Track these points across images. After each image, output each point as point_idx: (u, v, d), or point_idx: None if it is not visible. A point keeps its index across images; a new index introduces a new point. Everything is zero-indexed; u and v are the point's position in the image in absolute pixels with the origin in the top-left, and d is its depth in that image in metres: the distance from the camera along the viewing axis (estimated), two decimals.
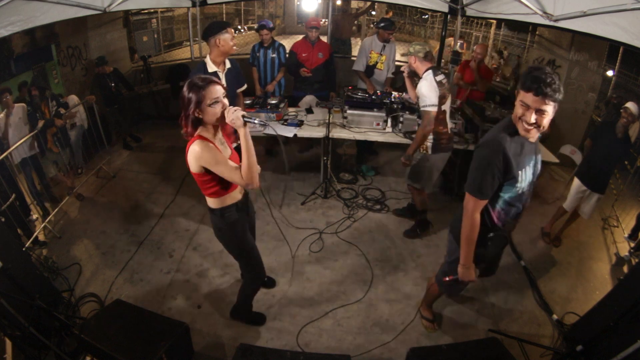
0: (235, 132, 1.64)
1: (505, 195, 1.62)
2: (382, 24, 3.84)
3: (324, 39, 4.57)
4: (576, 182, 3.05)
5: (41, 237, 3.08)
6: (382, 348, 2.29)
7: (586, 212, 3.05)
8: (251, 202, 2.05)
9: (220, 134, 1.73)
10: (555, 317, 2.49)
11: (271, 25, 3.89)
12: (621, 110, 2.78)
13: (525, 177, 1.58)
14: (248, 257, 2.06)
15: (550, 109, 1.40)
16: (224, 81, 2.52)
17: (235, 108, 1.57)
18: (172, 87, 5.33)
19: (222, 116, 1.59)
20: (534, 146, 1.60)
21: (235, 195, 1.82)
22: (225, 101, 1.61)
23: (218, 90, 1.57)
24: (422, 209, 3.12)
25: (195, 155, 1.58)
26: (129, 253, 2.94)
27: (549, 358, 2.20)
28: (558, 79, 1.38)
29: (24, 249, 2.64)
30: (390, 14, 10.92)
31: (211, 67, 2.52)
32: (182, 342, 2.05)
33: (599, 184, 2.94)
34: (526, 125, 1.45)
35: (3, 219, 2.60)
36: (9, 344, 1.97)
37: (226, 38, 2.43)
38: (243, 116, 1.57)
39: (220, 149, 1.68)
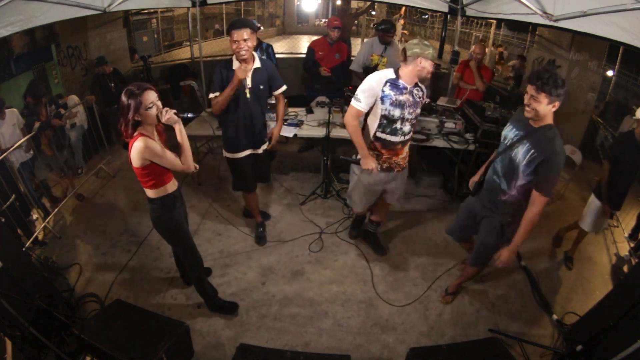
0: (167, 130, 1.93)
1: None
2: (382, 27, 3.83)
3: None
4: (595, 202, 2.79)
5: (41, 237, 3.08)
6: (382, 348, 2.29)
7: (598, 225, 2.86)
8: (181, 193, 2.18)
9: (155, 135, 1.92)
10: (555, 317, 2.49)
11: (257, 25, 3.46)
12: (634, 119, 2.57)
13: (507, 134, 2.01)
14: (185, 243, 2.18)
15: (542, 98, 1.71)
16: (249, 81, 2.46)
17: (167, 109, 1.81)
18: (172, 87, 5.33)
19: (158, 117, 1.81)
20: (529, 128, 1.87)
21: (171, 187, 2.03)
22: (159, 104, 1.81)
23: (152, 95, 1.77)
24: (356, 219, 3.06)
25: (139, 150, 1.75)
26: (129, 253, 2.94)
27: (549, 358, 2.21)
28: (558, 79, 1.68)
29: (24, 249, 2.64)
30: (402, 22, 10.82)
31: (235, 64, 2.44)
32: (182, 342, 2.05)
33: (618, 202, 2.74)
34: (526, 107, 1.80)
35: (3, 219, 2.60)
36: (9, 344, 1.97)
37: (232, 37, 2.33)
38: (175, 114, 1.84)
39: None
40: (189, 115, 2.04)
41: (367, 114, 2.30)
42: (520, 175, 1.88)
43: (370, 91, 2.19)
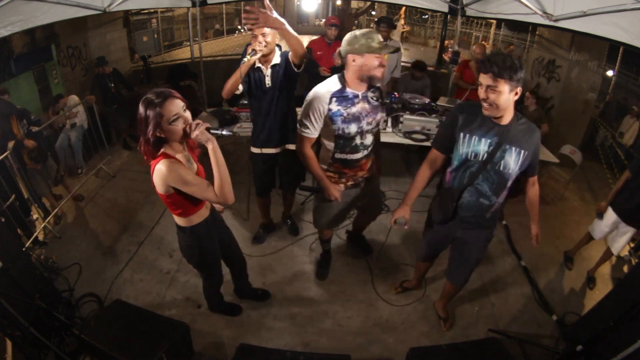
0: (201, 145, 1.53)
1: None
2: (380, 24, 3.83)
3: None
4: (611, 214, 2.64)
5: (41, 237, 3.08)
6: (382, 348, 2.29)
7: (617, 247, 2.67)
8: (218, 214, 1.97)
9: (185, 150, 1.61)
10: (555, 317, 2.49)
11: None
12: None
13: (472, 144, 1.67)
14: (209, 271, 2.06)
15: (502, 86, 1.47)
16: (268, 80, 2.30)
17: (197, 122, 1.45)
18: (172, 87, 5.33)
19: (186, 132, 1.46)
20: (499, 128, 1.62)
21: (203, 212, 1.75)
22: (187, 115, 1.47)
23: (176, 105, 1.44)
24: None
25: (161, 175, 1.45)
26: (129, 253, 2.94)
27: (549, 358, 2.20)
28: (514, 61, 1.46)
29: (24, 249, 2.64)
30: (403, 22, 10.71)
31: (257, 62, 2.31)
32: (182, 342, 2.05)
33: (635, 216, 2.54)
34: (483, 104, 1.56)
35: (3, 219, 2.60)
36: (9, 344, 1.97)
37: (252, 32, 2.17)
38: (208, 129, 1.46)
39: (187, 165, 1.57)
40: (224, 132, 1.63)
41: (320, 134, 1.99)
42: (511, 180, 1.70)
43: (314, 113, 1.87)
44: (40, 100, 4.35)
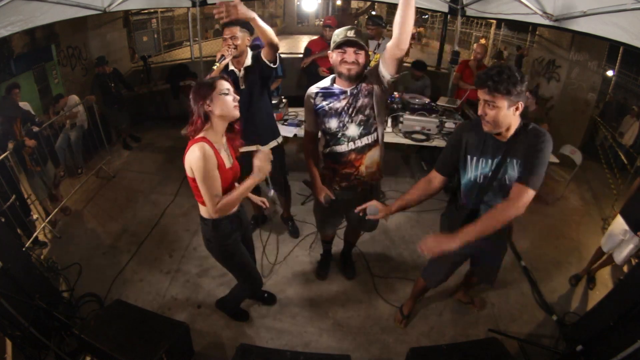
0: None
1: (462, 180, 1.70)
2: (369, 22, 3.82)
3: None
4: (620, 222, 2.53)
5: (41, 237, 3.08)
6: (382, 348, 2.29)
7: (621, 258, 2.53)
8: (245, 213, 1.97)
9: (225, 141, 1.66)
10: (555, 317, 2.49)
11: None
12: None
13: (478, 167, 1.61)
14: (240, 270, 2.01)
15: (500, 102, 1.38)
16: (241, 82, 2.35)
17: (270, 157, 1.63)
18: (172, 87, 5.33)
19: (230, 115, 1.55)
20: (502, 145, 1.53)
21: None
22: (237, 97, 1.57)
23: (227, 84, 1.56)
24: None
25: (193, 158, 1.48)
26: (129, 253, 2.94)
27: (549, 358, 2.20)
28: (514, 73, 1.35)
29: (24, 249, 2.64)
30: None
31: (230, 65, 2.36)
32: (182, 342, 2.05)
33: None
34: (483, 120, 1.48)
35: (3, 219, 2.60)
36: (9, 344, 1.96)
37: (223, 34, 2.27)
38: (267, 176, 1.64)
39: (223, 157, 1.60)
40: (271, 193, 1.87)
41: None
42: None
43: (306, 108, 1.98)
44: (40, 100, 4.35)
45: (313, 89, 1.96)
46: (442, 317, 2.50)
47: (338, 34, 1.76)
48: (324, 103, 1.90)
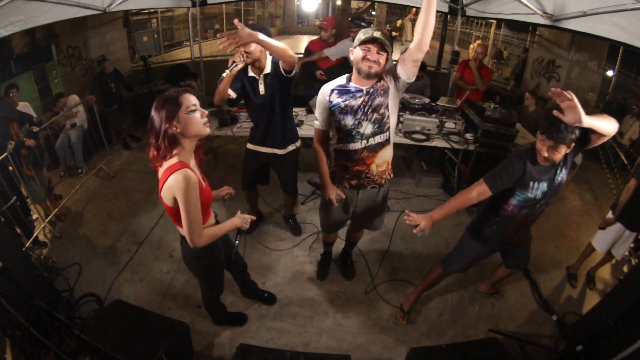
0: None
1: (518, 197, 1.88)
2: (351, 24, 3.75)
3: None
4: (615, 224, 2.56)
5: (41, 237, 3.08)
6: (382, 348, 2.29)
7: (621, 252, 2.65)
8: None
9: (194, 160, 1.51)
10: (555, 317, 2.49)
11: (269, 31, 3.42)
12: None
13: (538, 188, 1.80)
14: (213, 281, 2.01)
15: (562, 149, 1.63)
16: (262, 87, 2.35)
17: (249, 220, 1.69)
18: (172, 87, 5.33)
19: (201, 134, 1.41)
20: (551, 167, 1.76)
21: (210, 221, 1.71)
22: (204, 110, 1.42)
23: (195, 99, 1.40)
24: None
25: (178, 188, 1.34)
26: (129, 253, 2.94)
27: (549, 358, 2.20)
28: (569, 127, 1.54)
29: (24, 249, 2.64)
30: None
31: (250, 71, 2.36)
32: (182, 342, 2.05)
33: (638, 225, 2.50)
34: (542, 156, 1.70)
35: (3, 219, 2.60)
36: (9, 344, 1.97)
37: None
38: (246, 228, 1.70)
39: (199, 177, 1.50)
40: (237, 242, 1.95)
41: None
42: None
43: (320, 105, 1.97)
44: (40, 100, 4.35)
45: (328, 86, 1.95)
46: (442, 317, 2.50)
47: (365, 32, 1.77)
48: (339, 100, 1.90)
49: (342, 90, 1.91)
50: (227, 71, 2.13)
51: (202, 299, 2.21)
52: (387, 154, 2.02)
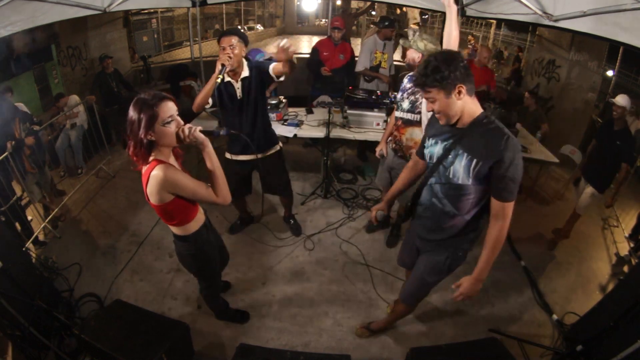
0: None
1: None
2: (386, 23, 3.87)
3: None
4: (582, 182, 3.18)
5: (41, 237, 3.08)
6: (382, 348, 2.29)
7: (581, 206, 3.11)
8: (210, 221, 1.91)
9: (172, 157, 1.55)
10: (555, 317, 2.49)
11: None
12: (612, 105, 3.01)
13: (433, 147, 1.58)
14: (211, 278, 2.01)
15: (436, 94, 1.39)
16: (239, 92, 2.34)
17: (189, 126, 1.43)
18: (172, 87, 5.34)
19: (178, 136, 1.42)
20: (454, 131, 1.50)
21: (200, 217, 1.71)
22: (180, 119, 1.43)
23: (172, 107, 1.40)
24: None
25: (159, 182, 1.37)
26: (129, 253, 2.94)
27: (549, 358, 2.20)
28: (438, 64, 1.35)
29: (24, 249, 2.64)
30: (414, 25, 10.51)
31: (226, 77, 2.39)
32: (182, 342, 2.05)
33: (597, 180, 3.04)
34: (437, 115, 1.50)
35: (3, 219, 2.60)
36: (9, 344, 1.97)
37: (220, 44, 2.23)
38: (202, 131, 1.44)
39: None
40: (223, 131, 1.63)
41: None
42: (467, 192, 1.50)
43: (400, 89, 2.54)
44: (40, 100, 4.35)
45: (408, 75, 2.53)
46: (442, 317, 2.50)
47: (413, 41, 2.45)
48: (407, 85, 2.49)
49: (410, 78, 2.52)
50: (220, 76, 2.13)
51: (203, 297, 2.22)
52: (416, 133, 2.44)
